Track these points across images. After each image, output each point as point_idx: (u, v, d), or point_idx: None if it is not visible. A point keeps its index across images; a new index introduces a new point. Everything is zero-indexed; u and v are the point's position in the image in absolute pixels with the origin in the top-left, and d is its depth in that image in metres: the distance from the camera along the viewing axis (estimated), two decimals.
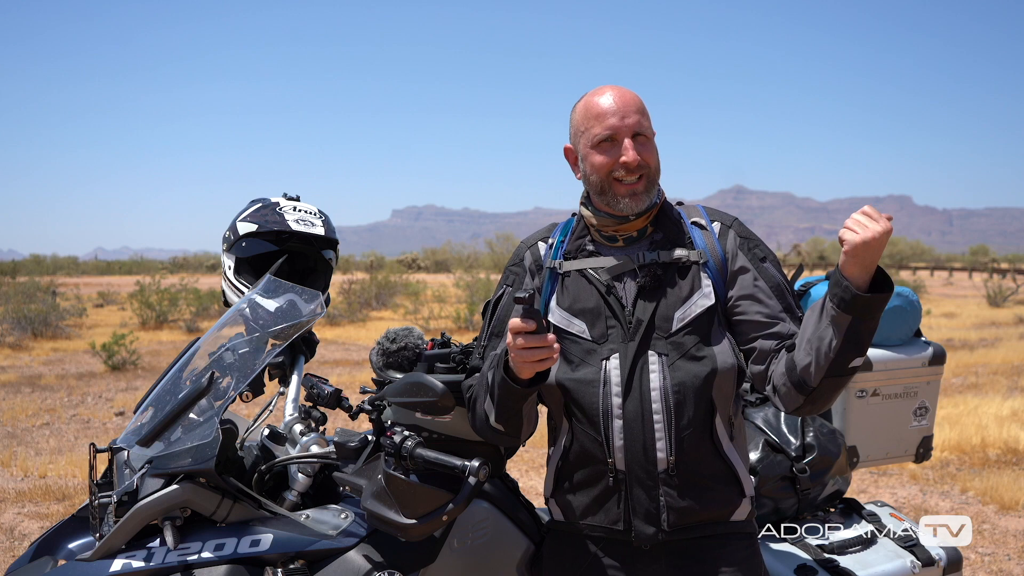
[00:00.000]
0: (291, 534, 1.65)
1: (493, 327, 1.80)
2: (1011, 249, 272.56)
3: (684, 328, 1.67)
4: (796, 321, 1.70)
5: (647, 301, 1.69)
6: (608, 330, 1.69)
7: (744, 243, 1.76)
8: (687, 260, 1.71)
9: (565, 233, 1.83)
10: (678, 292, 1.69)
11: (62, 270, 52.08)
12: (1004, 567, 4.15)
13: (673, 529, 1.66)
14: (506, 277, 1.86)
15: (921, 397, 2.46)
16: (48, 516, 4.88)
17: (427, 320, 16.07)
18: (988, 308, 21.52)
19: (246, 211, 2.25)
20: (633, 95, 1.72)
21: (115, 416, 7.86)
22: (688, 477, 1.66)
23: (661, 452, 1.64)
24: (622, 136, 1.68)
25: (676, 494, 1.65)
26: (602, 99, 1.71)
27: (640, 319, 1.67)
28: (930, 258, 62.83)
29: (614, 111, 1.68)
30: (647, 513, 1.65)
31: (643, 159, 1.69)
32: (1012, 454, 6.22)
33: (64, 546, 1.65)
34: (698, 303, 1.68)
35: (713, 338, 1.68)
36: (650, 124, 1.73)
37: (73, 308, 17.47)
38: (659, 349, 1.67)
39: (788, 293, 1.74)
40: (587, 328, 1.71)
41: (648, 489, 1.65)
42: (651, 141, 1.73)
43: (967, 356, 11.53)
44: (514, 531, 1.91)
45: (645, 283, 1.69)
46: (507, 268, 1.88)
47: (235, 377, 1.77)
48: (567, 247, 1.79)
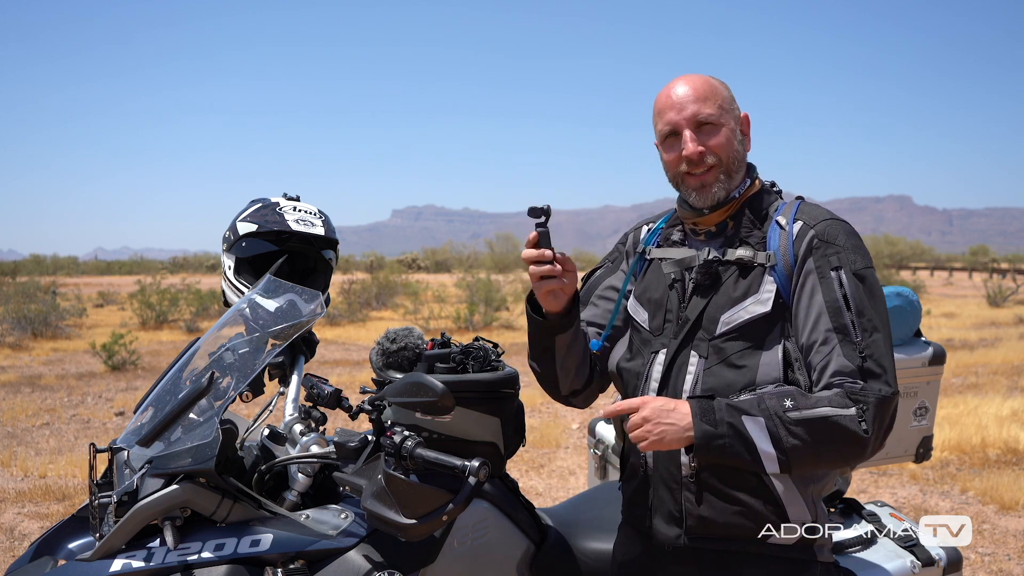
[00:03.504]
0: (291, 534, 1.65)
1: (581, 296, 1.81)
2: (1011, 249, 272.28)
3: (729, 333, 1.60)
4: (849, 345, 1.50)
5: (700, 299, 1.64)
6: (664, 324, 1.68)
7: (821, 247, 1.57)
8: (750, 261, 1.61)
9: (667, 219, 1.82)
10: (732, 294, 1.61)
11: (62, 270, 52.05)
12: (1004, 567, 4.15)
13: (694, 535, 1.62)
14: (610, 253, 1.90)
15: (921, 397, 2.45)
16: (48, 516, 4.88)
17: (427, 320, 16.06)
18: (988, 308, 21.50)
19: (246, 211, 2.25)
20: (698, 82, 1.64)
21: (115, 416, 7.86)
22: (710, 486, 1.60)
23: (684, 456, 1.61)
24: (682, 129, 1.62)
25: (696, 500, 1.61)
26: (665, 94, 1.67)
27: (688, 317, 1.64)
28: (930, 258, 62.79)
29: (672, 104, 1.64)
30: (669, 515, 1.64)
31: (708, 148, 1.61)
32: (1012, 454, 6.22)
33: (64, 546, 1.65)
34: (749, 308, 1.58)
35: (763, 348, 1.57)
36: (719, 109, 1.62)
37: (73, 308, 17.45)
38: (701, 351, 1.61)
39: (850, 311, 1.51)
40: (648, 318, 1.71)
41: (672, 491, 1.64)
42: (720, 128, 1.62)
43: (967, 356, 11.52)
44: (514, 531, 1.91)
45: (701, 280, 1.65)
46: (616, 244, 1.90)
47: (235, 377, 1.77)
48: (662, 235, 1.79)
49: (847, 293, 1.53)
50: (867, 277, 1.55)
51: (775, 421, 1.47)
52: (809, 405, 1.49)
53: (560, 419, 7.59)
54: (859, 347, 1.50)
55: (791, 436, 1.47)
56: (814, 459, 1.50)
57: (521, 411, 1.78)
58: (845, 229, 1.60)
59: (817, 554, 1.65)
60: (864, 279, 1.55)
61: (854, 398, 1.48)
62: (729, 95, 1.68)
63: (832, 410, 1.47)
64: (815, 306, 1.54)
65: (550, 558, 1.95)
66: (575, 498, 2.35)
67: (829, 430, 1.47)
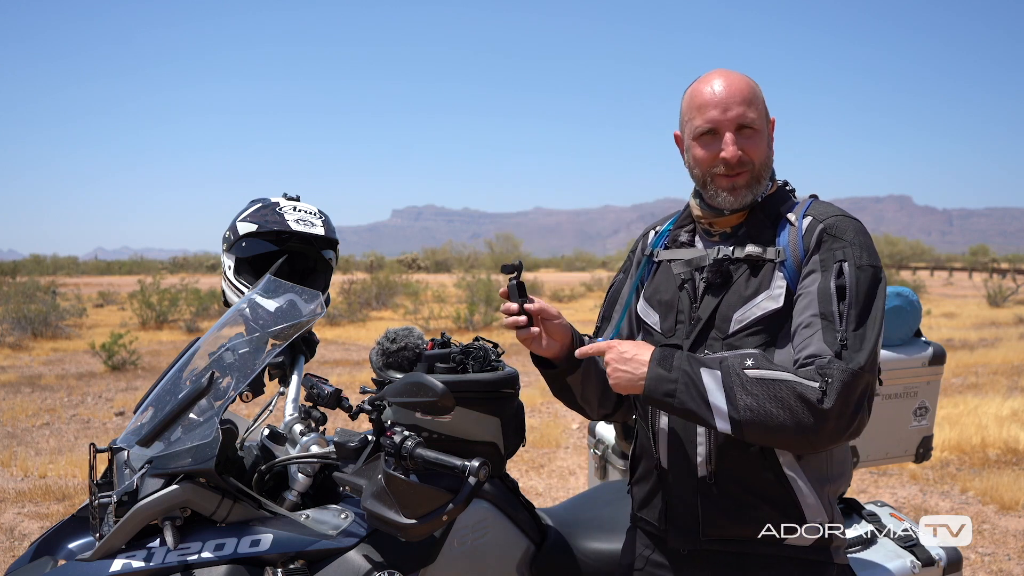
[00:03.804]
0: (291, 534, 1.65)
1: (604, 311, 1.84)
2: (1011, 249, 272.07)
3: (743, 330, 1.57)
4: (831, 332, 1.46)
5: (712, 298, 1.63)
6: (676, 325, 1.67)
7: (828, 241, 1.54)
8: (760, 257, 1.60)
9: (674, 222, 1.81)
10: (744, 291, 1.59)
11: (62, 270, 52.06)
12: (1004, 567, 4.15)
13: (710, 539, 1.61)
14: (624, 263, 1.91)
15: (921, 397, 2.45)
16: (48, 516, 4.88)
17: (427, 320, 16.06)
18: (988, 308, 21.51)
19: (246, 211, 2.25)
20: (742, 83, 1.61)
21: (115, 416, 7.86)
22: (728, 489, 1.58)
23: (701, 458, 1.60)
24: (723, 130, 1.58)
25: (712, 504, 1.60)
26: (707, 88, 1.61)
27: (700, 316, 1.63)
28: (930, 258, 62.82)
29: (716, 102, 1.58)
30: (684, 518, 1.63)
31: (746, 154, 1.59)
32: (1012, 454, 6.22)
33: (64, 546, 1.65)
34: (762, 304, 1.56)
35: (776, 344, 1.55)
36: (759, 114, 1.61)
37: (73, 308, 17.45)
38: (715, 350, 1.59)
39: (841, 301, 1.49)
40: (659, 320, 1.70)
41: (687, 494, 1.62)
42: (758, 133, 1.60)
43: (967, 356, 11.53)
44: (514, 531, 1.91)
45: (712, 279, 1.63)
46: (628, 253, 1.91)
47: (235, 377, 1.77)
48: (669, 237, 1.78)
49: (845, 284, 1.50)
50: (870, 274, 1.51)
51: (732, 377, 1.44)
52: (770, 367, 1.45)
53: (560, 419, 7.59)
54: (841, 335, 1.46)
55: (746, 394, 1.42)
56: (765, 424, 1.42)
57: (521, 411, 1.78)
58: (855, 226, 1.57)
59: (833, 556, 1.63)
60: (866, 275, 1.51)
61: (821, 372, 1.43)
62: (763, 98, 1.65)
63: (793, 377, 1.43)
64: (809, 293, 1.52)
65: (550, 558, 1.95)
66: (575, 498, 2.35)
67: (786, 394, 1.41)
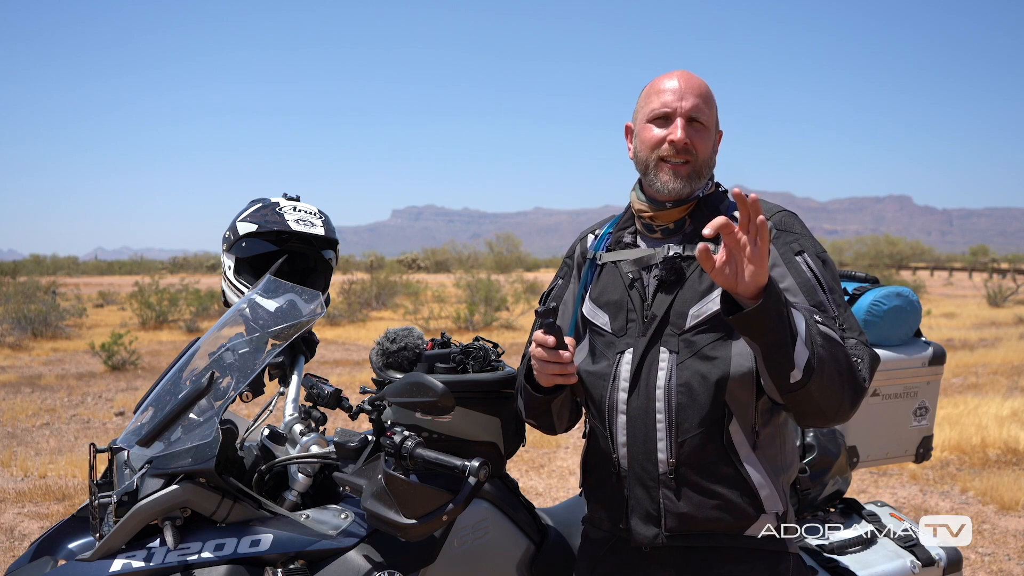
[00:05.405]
0: (291, 534, 1.65)
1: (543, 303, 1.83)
2: (1011, 249, 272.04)
3: (699, 326, 1.61)
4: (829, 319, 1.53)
5: (665, 295, 1.65)
6: (628, 324, 1.68)
7: (780, 236, 1.63)
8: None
9: (614, 224, 1.83)
10: (698, 287, 1.63)
11: (62, 270, 52.07)
12: (1004, 567, 4.15)
13: (673, 534, 1.62)
14: (560, 269, 1.90)
15: (921, 397, 2.45)
16: (48, 516, 4.88)
17: (427, 320, 16.06)
18: (988, 308, 21.52)
19: (246, 211, 2.25)
20: (701, 82, 1.68)
21: (115, 416, 7.86)
22: (689, 482, 1.60)
23: (662, 453, 1.61)
24: (676, 115, 1.64)
25: (675, 497, 1.61)
26: (667, 79, 1.68)
27: (655, 314, 1.64)
28: (930, 258, 62.78)
29: (674, 90, 1.65)
30: (647, 514, 1.63)
31: (692, 143, 1.64)
32: (1012, 454, 6.22)
33: (64, 546, 1.65)
34: (716, 300, 1.58)
35: (733, 339, 1.59)
36: (712, 115, 1.67)
37: (73, 308, 17.45)
38: (671, 346, 1.62)
39: (823, 290, 1.57)
40: (609, 321, 1.71)
41: (648, 489, 1.63)
42: (707, 131, 1.67)
43: (967, 356, 11.53)
44: (514, 531, 1.91)
45: (664, 277, 1.65)
46: (564, 259, 1.91)
47: (235, 377, 1.77)
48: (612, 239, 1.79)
49: (817, 274, 1.59)
50: (827, 260, 1.63)
51: (812, 326, 1.43)
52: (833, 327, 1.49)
53: None
54: (838, 320, 1.56)
55: (819, 346, 1.42)
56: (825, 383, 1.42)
57: None
58: (798, 220, 1.68)
59: (788, 546, 1.67)
60: (825, 262, 1.62)
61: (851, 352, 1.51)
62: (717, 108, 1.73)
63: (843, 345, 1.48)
64: (788, 290, 1.56)
65: (550, 558, 1.95)
66: (575, 498, 2.35)
67: (843, 360, 1.46)
